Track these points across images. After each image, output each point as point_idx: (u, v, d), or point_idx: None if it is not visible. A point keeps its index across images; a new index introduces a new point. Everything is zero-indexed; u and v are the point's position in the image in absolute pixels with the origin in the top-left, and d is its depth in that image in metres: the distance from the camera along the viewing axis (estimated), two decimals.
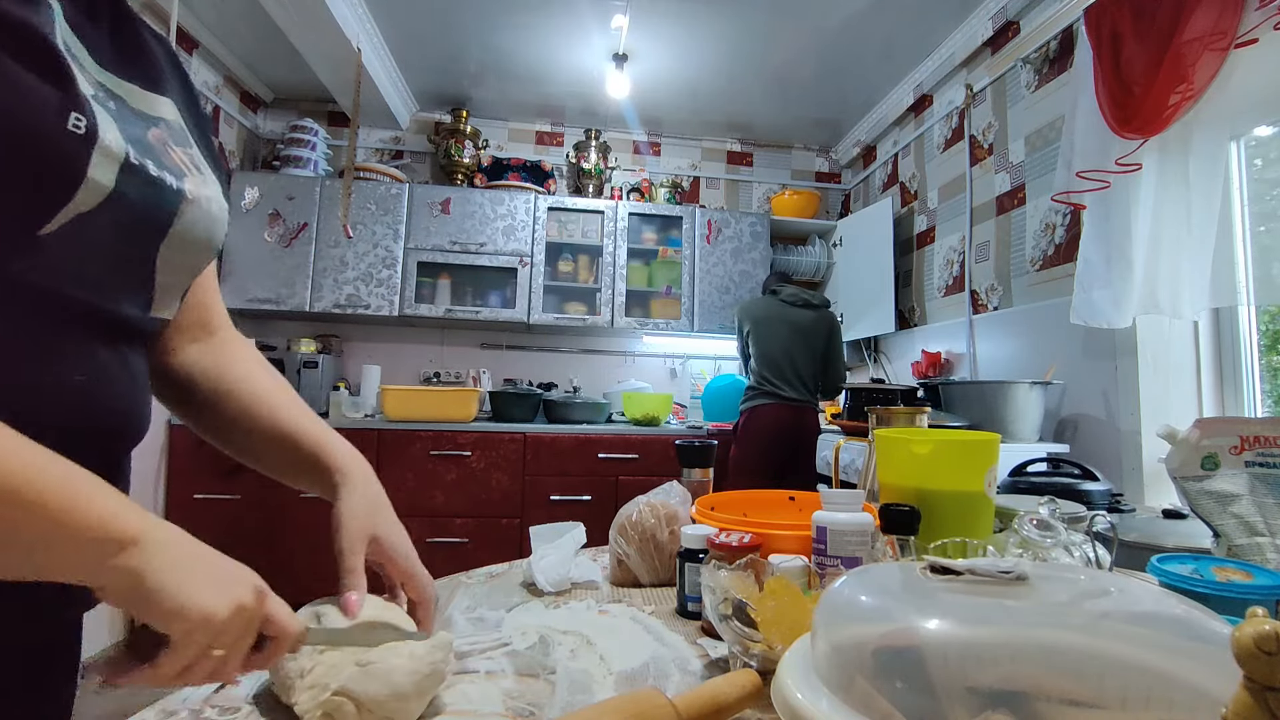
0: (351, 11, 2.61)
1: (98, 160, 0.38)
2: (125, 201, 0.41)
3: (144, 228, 0.44)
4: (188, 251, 0.49)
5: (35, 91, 0.36)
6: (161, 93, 0.50)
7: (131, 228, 0.43)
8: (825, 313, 2.76)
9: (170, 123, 0.49)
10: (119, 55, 0.46)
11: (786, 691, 0.39)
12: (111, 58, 0.45)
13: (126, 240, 0.43)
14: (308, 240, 3.08)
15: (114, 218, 0.41)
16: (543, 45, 2.93)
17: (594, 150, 3.57)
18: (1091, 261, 1.87)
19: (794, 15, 2.63)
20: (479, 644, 0.64)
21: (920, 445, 0.77)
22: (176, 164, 0.47)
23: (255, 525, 2.72)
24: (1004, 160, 2.47)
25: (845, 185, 3.99)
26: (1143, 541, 1.06)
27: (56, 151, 0.37)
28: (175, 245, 0.47)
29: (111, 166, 0.39)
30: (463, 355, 3.55)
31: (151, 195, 0.43)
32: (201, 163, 0.51)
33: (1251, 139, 1.78)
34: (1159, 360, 1.86)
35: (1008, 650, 0.36)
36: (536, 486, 2.91)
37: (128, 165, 0.41)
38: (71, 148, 0.37)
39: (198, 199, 0.47)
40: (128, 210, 0.42)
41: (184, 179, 0.47)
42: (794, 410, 2.61)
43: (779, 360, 2.66)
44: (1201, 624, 0.36)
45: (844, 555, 0.67)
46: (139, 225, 0.44)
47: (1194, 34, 1.56)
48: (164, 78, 0.51)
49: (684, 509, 0.89)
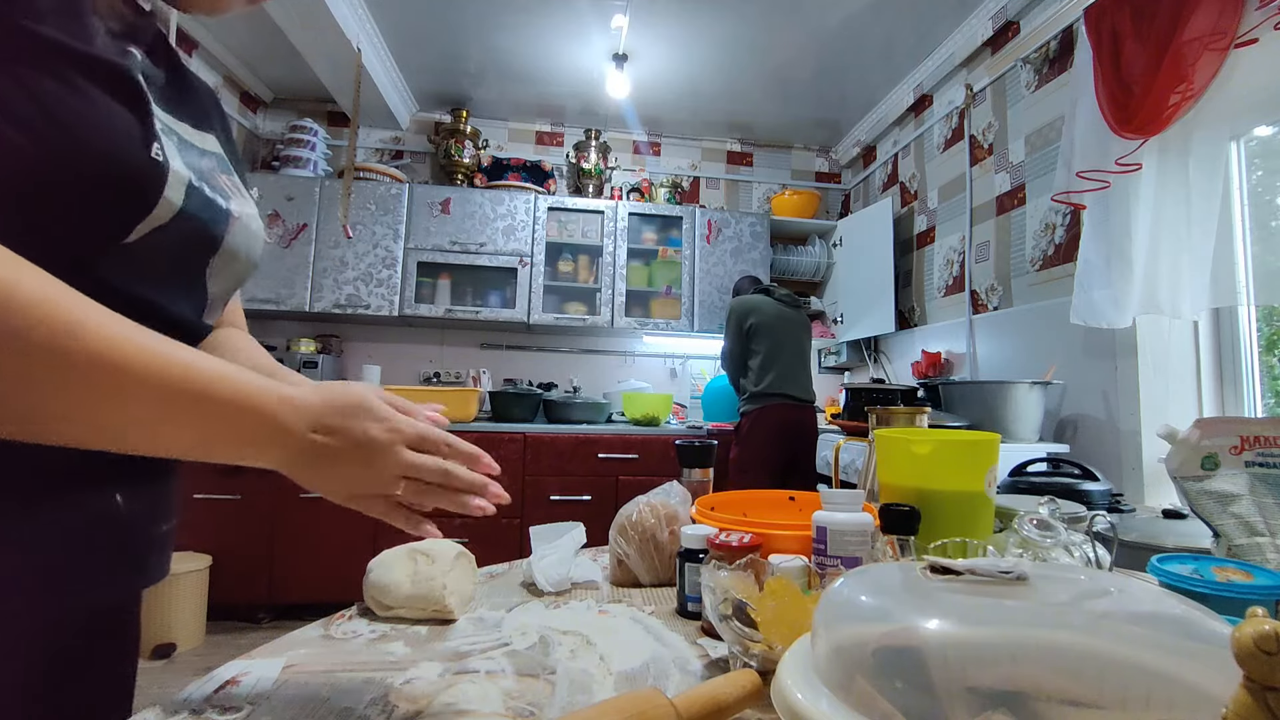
0: (351, 11, 2.61)
1: (171, 182, 0.46)
2: (188, 217, 0.48)
3: (201, 241, 0.51)
4: (234, 264, 0.55)
5: (128, 124, 0.43)
6: (207, 130, 0.57)
7: (192, 241, 0.50)
8: (806, 312, 2.84)
9: (216, 155, 0.57)
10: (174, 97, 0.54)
11: (786, 691, 0.39)
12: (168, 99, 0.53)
13: (188, 252, 0.51)
14: (307, 240, 3.08)
15: (180, 232, 0.48)
16: (543, 45, 2.93)
17: (594, 150, 3.57)
18: (1091, 261, 1.87)
19: (794, 15, 2.63)
20: (479, 644, 0.64)
21: (920, 445, 0.77)
22: (224, 187, 0.54)
23: (255, 525, 2.71)
24: (1004, 160, 2.47)
25: (845, 185, 3.99)
26: (1143, 541, 1.06)
27: (142, 174, 0.44)
28: (224, 258, 0.54)
29: (180, 188, 0.47)
30: (463, 355, 3.55)
31: (208, 213, 0.50)
32: (242, 187, 0.58)
33: (1251, 139, 1.78)
34: (1159, 360, 1.86)
35: (1008, 650, 0.36)
36: (536, 486, 2.91)
37: (191, 187, 0.48)
38: (153, 171, 0.45)
39: (242, 217, 0.55)
40: (190, 226, 0.49)
41: (230, 200, 0.54)
42: (800, 410, 2.60)
43: (790, 360, 2.65)
44: (1201, 624, 0.36)
45: (844, 555, 0.67)
46: (198, 239, 0.51)
47: (1194, 34, 1.56)
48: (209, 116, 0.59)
49: (684, 509, 0.89)
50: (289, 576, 2.74)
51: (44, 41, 0.40)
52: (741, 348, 2.71)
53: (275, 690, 0.53)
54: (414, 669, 0.58)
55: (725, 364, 2.83)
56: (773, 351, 2.64)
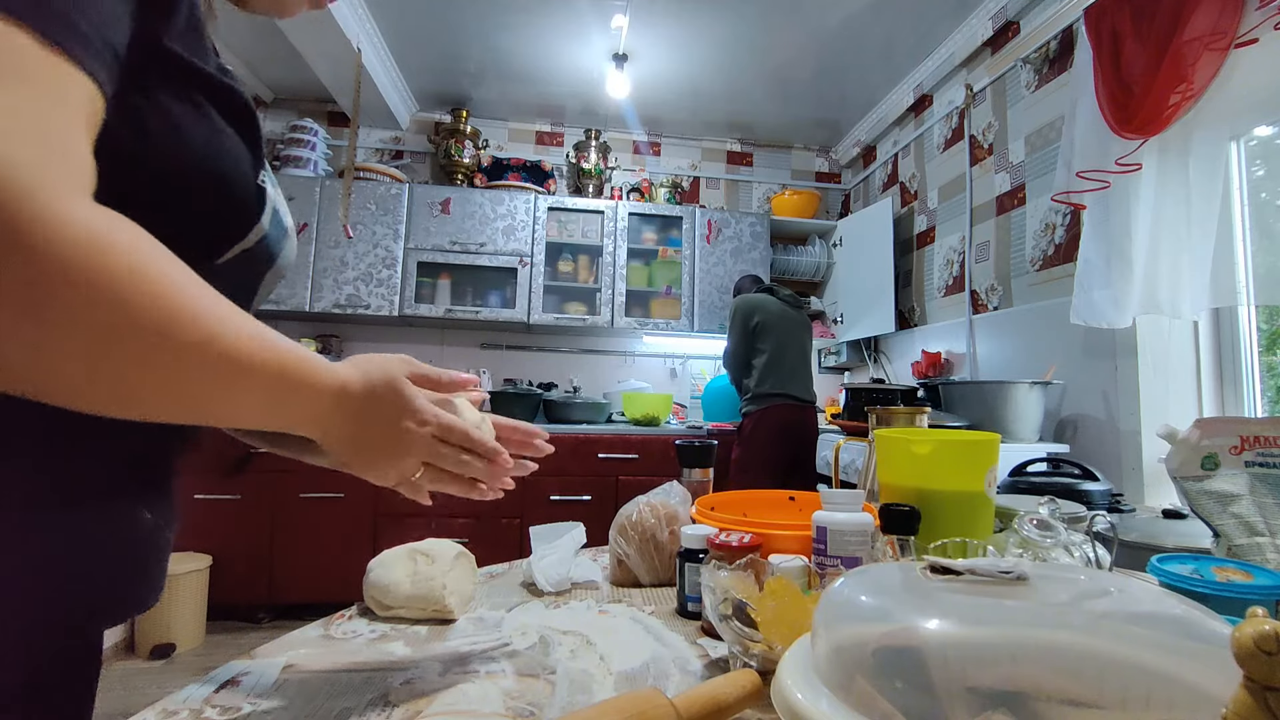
0: (351, 11, 2.61)
1: (266, 209, 0.48)
2: (268, 240, 0.50)
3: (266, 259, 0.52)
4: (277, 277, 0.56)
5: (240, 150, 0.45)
6: None
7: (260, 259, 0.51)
8: (807, 313, 2.85)
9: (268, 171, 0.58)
10: None
11: (786, 691, 0.39)
12: None
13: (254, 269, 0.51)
14: (308, 240, 3.08)
15: (258, 253, 0.49)
16: (543, 45, 2.93)
17: (594, 150, 3.57)
18: (1091, 261, 1.87)
19: (794, 15, 2.63)
20: (479, 644, 0.64)
21: (920, 445, 0.77)
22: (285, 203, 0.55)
23: (255, 525, 2.71)
24: (1004, 160, 2.47)
25: (845, 185, 3.99)
26: (1143, 541, 1.06)
27: (249, 200, 0.46)
28: (275, 273, 0.55)
29: (270, 213, 0.49)
30: (463, 355, 3.55)
31: (277, 232, 0.51)
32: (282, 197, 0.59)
33: (1251, 139, 1.78)
34: (1159, 360, 1.86)
35: (1008, 650, 0.36)
36: (536, 486, 2.91)
37: (275, 211, 0.50)
38: (257, 197, 0.47)
39: (291, 231, 0.55)
40: (264, 246, 0.50)
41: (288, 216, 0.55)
42: (803, 411, 2.61)
43: (794, 360, 2.65)
44: (1201, 624, 0.36)
45: (844, 555, 0.67)
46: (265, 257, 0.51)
47: (1194, 34, 1.56)
48: None
49: (684, 509, 0.89)
50: (289, 576, 2.74)
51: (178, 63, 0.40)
52: (746, 347, 2.67)
53: (275, 690, 0.53)
54: (414, 669, 0.58)
55: (727, 363, 2.78)
56: (777, 351, 2.63)
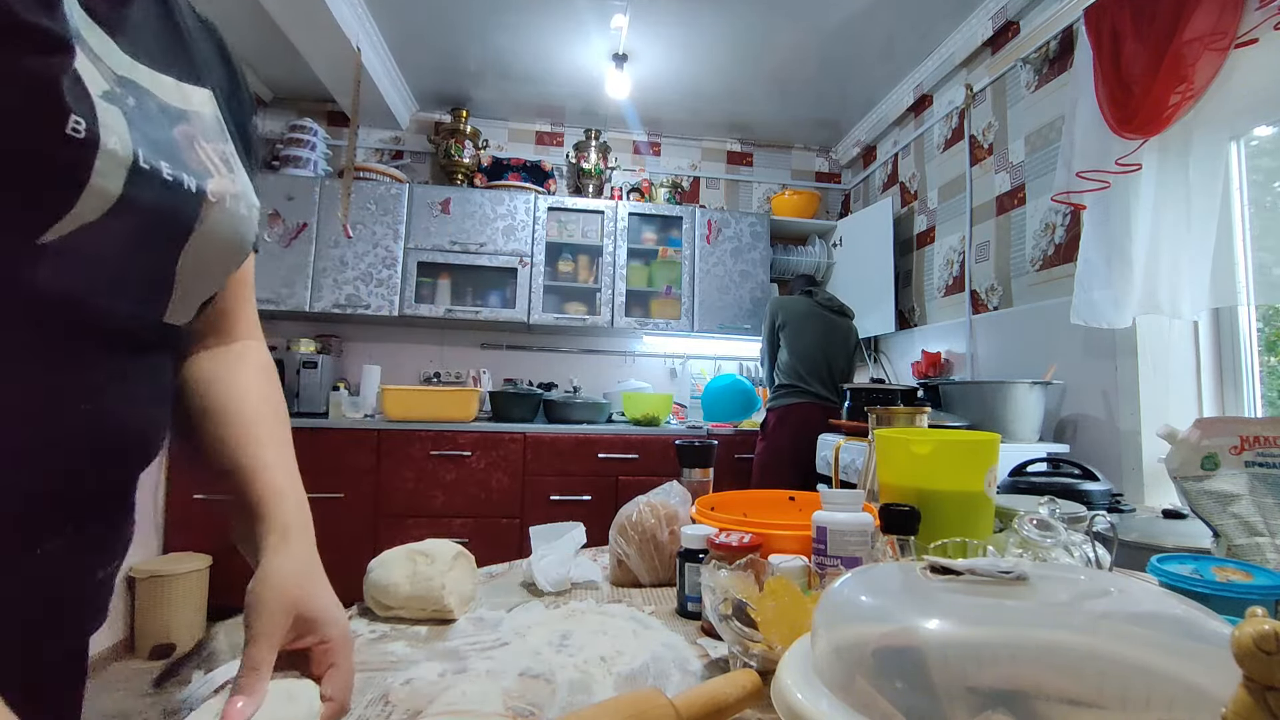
0: (351, 11, 2.61)
1: (102, 166, 0.36)
2: (137, 207, 0.39)
3: (162, 233, 0.42)
4: (213, 256, 0.47)
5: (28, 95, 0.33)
6: (198, 83, 0.47)
7: (148, 234, 0.41)
8: (852, 323, 2.87)
9: (203, 115, 0.47)
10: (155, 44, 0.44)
11: (786, 691, 0.39)
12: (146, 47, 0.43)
13: (143, 247, 0.41)
14: (307, 240, 3.08)
15: (126, 224, 0.39)
16: (543, 45, 2.93)
17: (594, 150, 3.57)
18: (1091, 261, 1.87)
19: (794, 15, 2.63)
20: (479, 644, 0.64)
21: (920, 445, 0.77)
22: (201, 163, 0.44)
23: None
24: (1004, 160, 2.47)
25: (845, 185, 3.99)
26: (1143, 541, 1.06)
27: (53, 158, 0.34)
28: (198, 250, 0.45)
29: (119, 172, 0.37)
30: (463, 355, 3.54)
31: (168, 199, 0.41)
32: (233, 157, 0.48)
33: (1251, 139, 1.78)
34: (1159, 360, 1.86)
35: (1008, 650, 0.36)
36: (536, 486, 2.91)
37: (136, 169, 0.38)
38: (71, 154, 0.34)
39: (221, 199, 0.45)
40: (142, 216, 0.39)
41: (207, 179, 0.44)
42: (825, 409, 2.62)
43: (815, 359, 2.70)
44: (1201, 624, 0.36)
45: (844, 555, 0.67)
46: (156, 231, 0.42)
47: (1194, 34, 1.56)
48: (205, 66, 0.49)
49: (684, 509, 0.89)
50: None
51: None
52: (771, 345, 2.83)
53: None
54: (414, 669, 0.58)
55: (761, 360, 2.97)
56: (803, 351, 2.70)
